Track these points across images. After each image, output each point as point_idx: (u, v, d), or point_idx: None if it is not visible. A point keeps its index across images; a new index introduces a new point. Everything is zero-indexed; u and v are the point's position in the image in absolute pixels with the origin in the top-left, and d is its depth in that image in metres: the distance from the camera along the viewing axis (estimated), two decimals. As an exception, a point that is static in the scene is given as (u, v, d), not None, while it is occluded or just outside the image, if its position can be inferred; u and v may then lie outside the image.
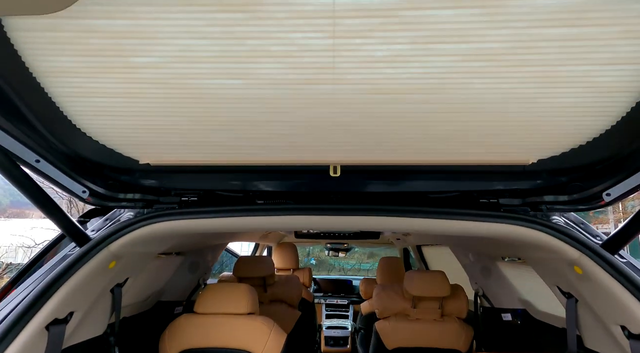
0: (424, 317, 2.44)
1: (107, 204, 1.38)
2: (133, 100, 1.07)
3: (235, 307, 1.77)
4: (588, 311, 1.36)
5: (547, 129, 1.10)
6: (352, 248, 5.44)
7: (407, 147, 1.22)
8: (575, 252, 1.24)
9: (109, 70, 0.99)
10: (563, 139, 1.14)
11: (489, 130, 1.14)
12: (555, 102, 1.03)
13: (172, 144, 1.23)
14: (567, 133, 1.11)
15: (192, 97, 1.06)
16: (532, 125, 1.10)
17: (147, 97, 1.05)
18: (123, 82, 1.02)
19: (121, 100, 1.07)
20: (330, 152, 1.26)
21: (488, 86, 1.01)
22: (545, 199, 1.35)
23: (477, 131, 1.14)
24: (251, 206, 1.41)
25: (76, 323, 1.34)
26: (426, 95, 1.04)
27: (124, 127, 1.15)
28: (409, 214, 1.36)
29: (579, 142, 1.14)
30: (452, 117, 1.10)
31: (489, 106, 1.06)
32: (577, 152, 1.16)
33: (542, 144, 1.16)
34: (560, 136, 1.13)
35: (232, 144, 1.24)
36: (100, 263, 1.33)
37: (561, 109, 1.04)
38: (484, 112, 1.08)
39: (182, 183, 1.43)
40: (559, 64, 0.94)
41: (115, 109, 1.09)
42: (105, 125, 1.15)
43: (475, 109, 1.07)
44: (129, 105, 1.08)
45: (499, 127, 1.13)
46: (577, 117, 1.06)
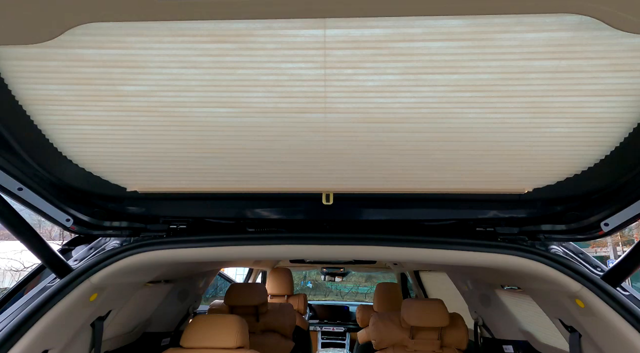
0: (423, 349, 2.33)
1: (92, 233, 1.33)
2: (121, 128, 1.05)
3: (223, 340, 1.68)
4: (593, 347, 1.30)
5: (541, 158, 1.09)
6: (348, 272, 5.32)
7: (399, 175, 1.20)
8: (576, 284, 1.20)
9: (97, 98, 0.98)
10: (557, 168, 1.12)
11: (482, 159, 1.13)
12: (547, 131, 1.02)
13: (161, 172, 1.20)
14: (562, 162, 1.10)
15: (182, 125, 1.05)
16: (525, 155, 1.09)
17: (135, 124, 1.04)
18: (111, 110, 1.00)
19: (109, 127, 1.05)
20: (322, 180, 1.24)
21: (479, 116, 1.00)
22: (543, 228, 1.32)
23: (471, 160, 1.13)
24: (241, 235, 1.37)
25: (50, 363, 1.26)
26: (417, 124, 1.04)
27: (111, 154, 1.13)
28: (403, 244, 1.32)
29: (574, 171, 1.12)
30: (444, 145, 1.09)
31: (481, 135, 1.05)
32: (573, 182, 1.14)
33: (537, 173, 1.15)
34: (554, 165, 1.11)
35: (222, 172, 1.21)
36: (80, 297, 1.27)
37: (554, 139, 1.03)
38: (476, 141, 1.07)
39: (171, 210, 1.40)
40: (550, 95, 0.95)
41: (103, 136, 1.07)
42: (92, 152, 1.13)
43: (467, 138, 1.06)
44: (117, 132, 1.06)
45: (492, 156, 1.11)
46: (571, 147, 1.06)
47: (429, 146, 1.10)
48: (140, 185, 1.25)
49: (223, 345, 1.67)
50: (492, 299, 2.34)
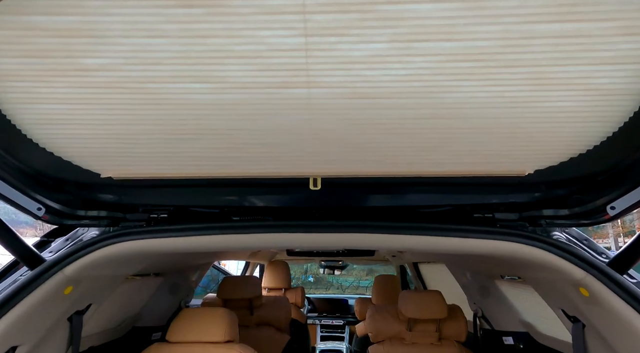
0: (421, 341, 2.27)
1: (65, 222, 1.25)
2: (88, 107, 0.97)
3: (212, 335, 1.61)
4: (597, 337, 1.23)
5: (544, 136, 1.01)
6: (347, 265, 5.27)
7: (391, 157, 1.12)
8: (580, 272, 1.12)
9: (58, 73, 0.89)
10: (561, 147, 1.04)
11: (480, 137, 1.04)
12: (551, 106, 0.94)
13: (135, 156, 1.12)
14: (566, 141, 1.01)
15: (153, 104, 0.97)
16: (527, 132, 1.01)
17: (102, 103, 0.95)
18: (75, 87, 0.92)
19: (74, 107, 0.97)
20: (308, 163, 1.15)
21: (477, 89, 0.92)
22: (544, 213, 1.24)
23: (468, 139, 1.05)
24: (225, 223, 1.29)
25: (19, 360, 1.19)
26: (409, 99, 0.95)
27: (80, 137, 1.05)
28: (396, 231, 1.24)
29: (579, 150, 1.04)
30: (439, 123, 1.01)
31: (479, 111, 0.97)
32: (577, 162, 1.06)
33: (539, 153, 1.07)
34: (558, 144, 1.03)
35: (201, 155, 1.13)
36: (53, 290, 1.20)
37: (558, 114, 0.95)
38: (473, 117, 0.98)
39: (151, 198, 1.32)
40: (554, 64, 0.86)
41: (68, 117, 0.99)
42: (59, 135, 1.04)
43: (463, 115, 0.98)
44: (83, 112, 0.98)
45: (490, 135, 1.03)
46: (576, 123, 0.97)
47: (423, 124, 1.01)
48: (115, 170, 1.17)
49: (211, 339, 1.61)
50: (492, 290, 2.27)
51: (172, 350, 1.60)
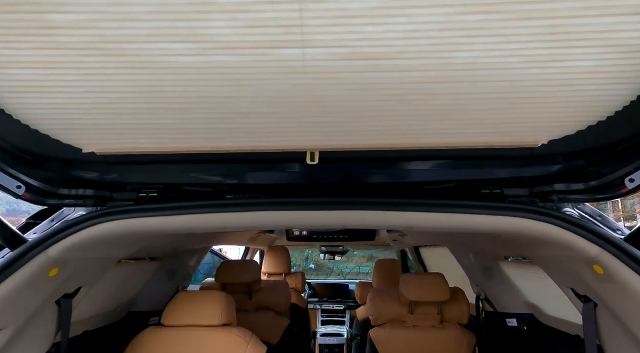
0: (422, 324, 2.25)
1: (48, 202, 1.18)
2: (60, 72, 0.88)
3: (207, 318, 1.57)
4: (610, 316, 1.17)
5: (561, 101, 0.92)
6: (347, 251, 5.25)
7: (394, 127, 1.04)
8: (595, 248, 1.06)
9: (23, 31, 0.80)
10: (579, 113, 0.95)
11: (490, 104, 0.96)
12: (570, 66, 0.85)
13: (117, 128, 1.04)
14: (585, 106, 0.93)
15: (131, 67, 0.88)
16: (542, 97, 0.92)
17: (75, 67, 0.87)
18: (44, 48, 0.83)
19: (46, 71, 0.88)
20: (305, 135, 1.07)
21: (488, 47, 0.83)
22: (557, 188, 1.17)
23: (477, 106, 0.96)
24: (218, 201, 1.22)
25: (2, 343, 1.14)
26: (414, 60, 0.86)
27: (55, 106, 0.96)
28: (400, 207, 1.17)
29: (599, 117, 0.95)
30: (446, 88, 0.92)
31: (491, 73, 0.88)
32: (596, 130, 0.98)
33: (554, 121, 0.98)
34: (575, 110, 0.94)
35: (189, 127, 1.05)
36: (36, 271, 1.13)
37: (578, 75, 0.86)
38: (484, 80, 0.90)
39: (138, 176, 1.24)
40: (575, 15, 0.77)
41: (40, 83, 0.90)
42: (32, 104, 0.96)
43: (474, 77, 0.89)
44: (56, 78, 0.89)
45: (502, 100, 0.94)
46: (597, 85, 0.88)
47: (428, 89, 0.92)
48: (97, 145, 1.09)
49: (207, 322, 1.56)
50: (495, 272, 2.22)
51: (167, 333, 1.56)
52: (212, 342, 1.52)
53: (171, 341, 1.52)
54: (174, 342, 1.52)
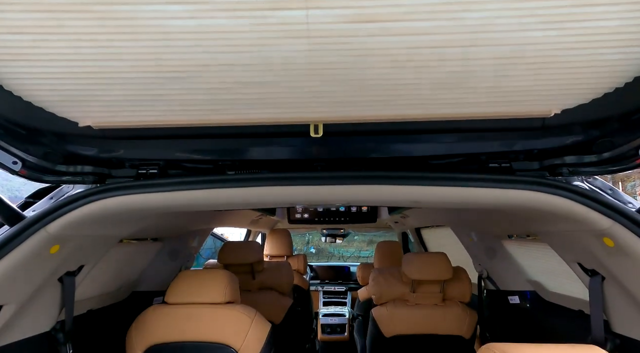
0: (424, 302, 2.26)
1: (46, 178, 1.15)
2: (49, 38, 0.83)
3: (212, 295, 1.57)
4: (618, 289, 1.17)
5: (578, 66, 0.88)
6: (349, 234, 5.27)
7: (400, 97, 1.00)
8: (607, 220, 1.04)
9: None
10: (596, 79, 0.91)
11: (503, 70, 0.91)
12: (590, 27, 0.80)
13: (113, 100, 1.00)
14: (603, 71, 0.88)
15: (125, 33, 0.83)
16: (559, 62, 0.88)
17: (65, 32, 0.82)
18: (31, 10, 0.78)
19: (33, 37, 0.83)
20: (309, 106, 1.03)
21: (503, 6, 0.78)
22: (567, 161, 1.13)
23: (489, 73, 0.92)
24: (219, 176, 1.19)
25: (6, 318, 1.13)
26: (423, 22, 0.81)
27: (45, 76, 0.92)
28: (406, 181, 1.14)
29: (616, 83, 0.91)
30: (456, 53, 0.88)
31: (505, 36, 0.83)
32: (612, 98, 0.94)
33: (570, 88, 0.94)
34: (593, 76, 0.90)
35: (188, 99, 1.01)
36: (37, 248, 1.12)
37: (598, 36, 0.81)
38: (497, 44, 0.85)
39: (137, 152, 1.21)
40: None
41: (28, 49, 0.85)
42: (23, 74, 0.92)
43: (486, 41, 0.84)
44: (45, 44, 0.84)
45: (516, 67, 0.90)
46: (618, 48, 0.84)
47: (437, 54, 0.88)
48: (93, 118, 1.05)
49: (211, 300, 1.56)
50: (498, 251, 2.22)
51: (172, 311, 1.56)
52: (216, 319, 1.52)
53: (176, 318, 1.53)
54: (179, 318, 1.53)
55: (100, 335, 1.79)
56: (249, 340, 1.50)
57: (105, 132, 1.13)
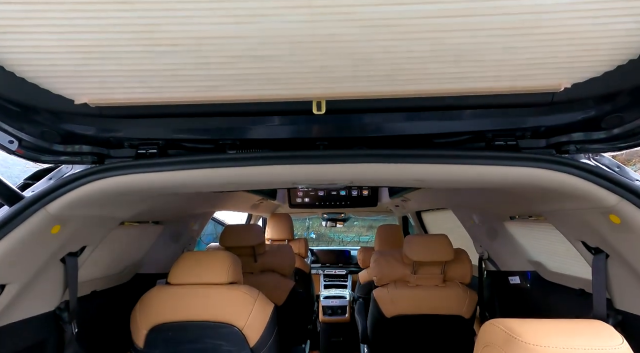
0: (425, 283, 2.28)
1: (43, 158, 1.13)
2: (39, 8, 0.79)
3: (214, 276, 1.58)
4: (622, 267, 1.17)
5: (592, 36, 0.84)
6: (349, 218, 5.29)
7: (406, 71, 0.97)
8: (614, 197, 1.02)
9: None
10: (610, 50, 0.88)
11: (513, 42, 0.88)
12: None
13: (109, 76, 0.96)
14: (618, 41, 0.85)
15: (117, 2, 0.79)
16: (571, 32, 0.84)
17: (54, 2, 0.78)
18: None
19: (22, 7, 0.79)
20: (310, 81, 1.00)
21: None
22: (575, 138, 1.11)
23: (498, 45, 0.88)
24: (220, 156, 1.17)
25: (10, 297, 1.14)
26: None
27: (38, 50, 0.88)
28: (411, 159, 1.12)
29: (631, 54, 0.88)
30: (465, 23, 0.84)
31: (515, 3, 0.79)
32: (625, 71, 0.91)
33: (581, 61, 0.91)
34: (607, 46, 0.87)
35: (186, 74, 0.97)
36: (37, 228, 1.11)
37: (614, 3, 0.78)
38: (508, 13, 0.81)
39: (136, 131, 1.18)
40: None
41: (18, 21, 0.82)
42: (13, 47, 0.88)
43: (496, 9, 0.80)
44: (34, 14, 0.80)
45: (526, 37, 0.86)
46: (632, 17, 0.80)
47: (444, 24, 0.84)
48: (89, 95, 1.02)
49: (214, 280, 1.57)
50: (500, 232, 2.22)
51: (175, 291, 1.57)
52: (219, 299, 1.53)
53: (179, 298, 1.54)
54: (182, 298, 1.54)
55: (105, 315, 1.82)
56: (252, 319, 1.52)
57: (103, 110, 1.10)
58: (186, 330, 1.51)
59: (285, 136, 1.18)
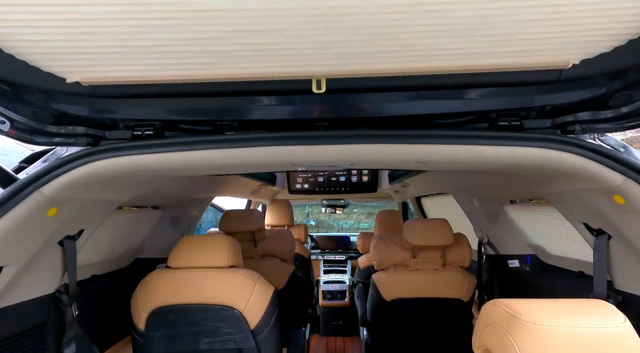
0: (425, 267, 2.29)
1: (36, 139, 1.11)
2: None
3: (214, 259, 1.57)
4: (624, 248, 1.16)
5: (603, 8, 0.81)
6: (348, 204, 5.30)
7: (413, 47, 0.93)
8: (619, 177, 1.01)
9: None
10: (622, 24, 0.84)
11: (521, 14, 0.84)
12: None
13: (101, 52, 0.93)
14: (631, 13, 0.81)
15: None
16: (582, 3, 0.80)
17: None
18: None
19: None
20: (310, 58, 0.97)
21: None
22: (581, 117, 1.09)
23: (506, 17, 0.85)
24: (218, 136, 1.14)
25: (8, 279, 1.13)
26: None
27: (25, 24, 0.84)
28: (413, 140, 1.10)
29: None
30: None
31: None
32: (637, 45, 0.87)
33: (592, 35, 0.87)
34: (619, 20, 0.83)
35: (181, 50, 0.94)
36: (33, 210, 1.09)
37: None
38: None
39: (131, 112, 1.15)
40: None
41: None
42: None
43: None
44: None
45: (536, 10, 0.83)
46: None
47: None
48: (81, 73, 0.99)
49: (214, 264, 1.57)
50: (500, 216, 2.22)
51: (175, 274, 1.57)
52: (220, 282, 1.53)
53: (179, 281, 1.54)
54: (182, 282, 1.54)
55: (105, 298, 1.82)
56: (252, 302, 1.52)
57: (96, 89, 1.06)
58: (187, 313, 1.51)
59: (285, 117, 1.15)
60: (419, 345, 2.27)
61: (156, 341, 1.51)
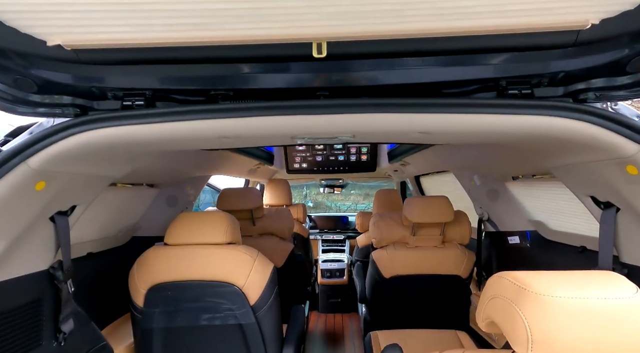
0: (424, 244, 2.29)
1: (18, 109, 1.04)
2: None
3: (212, 236, 1.54)
4: (632, 221, 1.14)
5: None
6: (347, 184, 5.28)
7: (419, 5, 0.86)
8: (634, 146, 0.96)
9: None
10: None
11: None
12: None
13: (82, 11, 0.85)
14: None
15: None
16: None
17: None
18: None
19: None
20: (310, 19, 0.89)
21: None
22: (595, 85, 1.03)
23: None
24: (212, 106, 1.08)
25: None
26: None
27: None
28: (418, 108, 1.04)
29: (671, -20, 0.78)
30: None
31: None
32: None
33: None
34: None
35: (168, 9, 0.86)
36: (20, 183, 1.04)
37: None
38: None
39: (120, 80, 1.08)
40: None
41: None
42: None
43: None
44: None
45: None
46: None
47: None
48: (62, 35, 0.91)
49: (212, 240, 1.54)
50: (501, 193, 2.20)
51: (173, 251, 1.54)
52: (218, 259, 1.51)
53: (177, 258, 1.52)
54: (180, 258, 1.51)
55: (102, 276, 1.81)
56: (252, 278, 1.51)
57: (80, 54, 0.99)
58: (185, 289, 1.50)
59: (283, 85, 1.08)
60: (417, 321, 2.29)
61: (155, 317, 1.51)
